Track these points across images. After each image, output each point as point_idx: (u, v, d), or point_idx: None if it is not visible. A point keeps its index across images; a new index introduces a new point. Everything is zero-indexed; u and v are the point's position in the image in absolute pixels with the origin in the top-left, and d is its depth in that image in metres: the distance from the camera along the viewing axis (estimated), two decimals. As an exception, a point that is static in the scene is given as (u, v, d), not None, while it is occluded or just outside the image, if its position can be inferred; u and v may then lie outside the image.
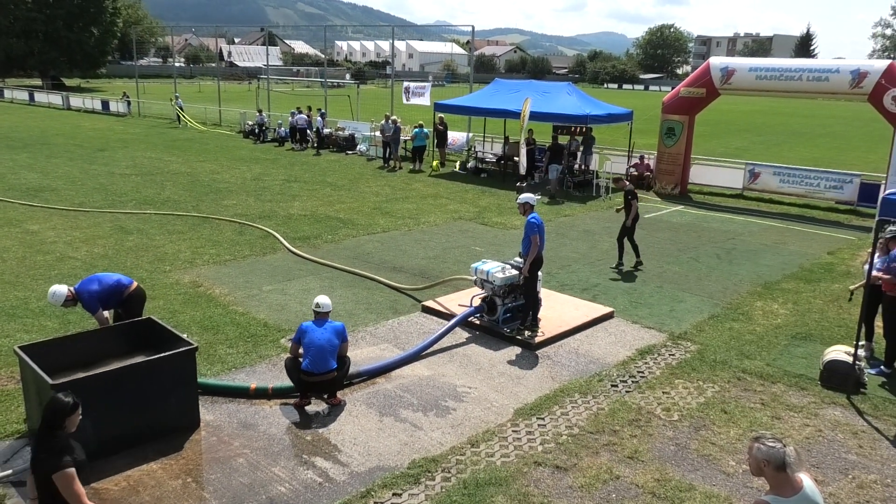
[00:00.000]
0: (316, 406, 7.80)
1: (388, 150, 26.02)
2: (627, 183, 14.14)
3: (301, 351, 7.75)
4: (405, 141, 26.89)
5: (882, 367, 9.03)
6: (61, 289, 7.84)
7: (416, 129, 25.79)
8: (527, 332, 9.87)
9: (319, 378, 7.65)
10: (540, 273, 10.04)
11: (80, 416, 4.54)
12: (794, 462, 4.01)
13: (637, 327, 10.50)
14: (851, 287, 10.55)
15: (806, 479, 4.15)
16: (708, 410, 7.93)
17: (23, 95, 54.45)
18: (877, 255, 8.95)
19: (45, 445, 4.38)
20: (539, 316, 10.20)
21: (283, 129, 31.65)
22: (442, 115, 26.16)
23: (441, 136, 26.50)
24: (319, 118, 31.00)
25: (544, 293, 10.74)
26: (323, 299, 7.95)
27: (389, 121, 25.69)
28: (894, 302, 8.78)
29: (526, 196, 10.22)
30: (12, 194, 18.66)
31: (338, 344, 7.75)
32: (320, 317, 7.86)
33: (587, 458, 6.89)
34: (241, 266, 12.92)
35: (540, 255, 9.85)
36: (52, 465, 4.29)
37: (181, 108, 38.94)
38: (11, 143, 29.09)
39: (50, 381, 6.21)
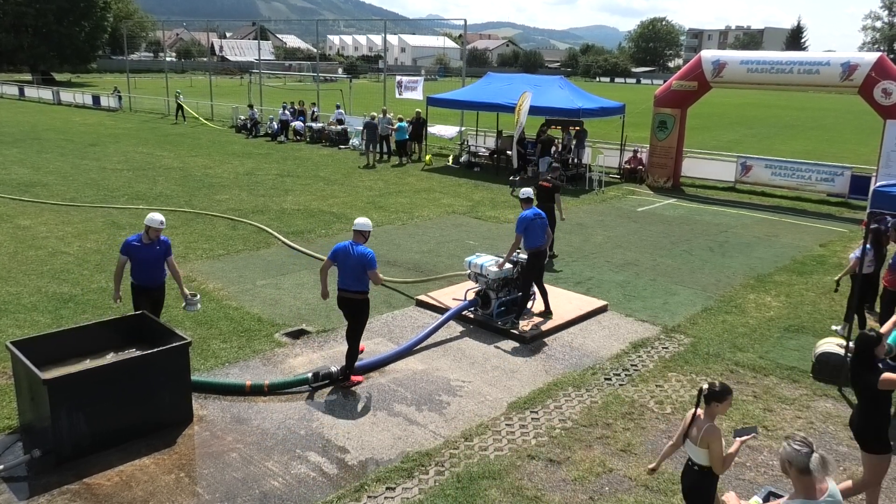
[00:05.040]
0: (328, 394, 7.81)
1: (383, 145, 26.06)
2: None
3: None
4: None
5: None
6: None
7: (400, 124, 25.86)
8: (521, 325, 9.89)
9: (345, 295, 8.10)
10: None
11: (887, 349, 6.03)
12: (817, 470, 3.93)
13: (630, 320, 10.53)
14: (837, 277, 10.65)
15: (831, 484, 4.07)
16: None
17: (12, 90, 54.07)
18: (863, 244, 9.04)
19: (863, 365, 5.71)
20: (529, 307, 10.37)
21: (275, 122, 31.58)
22: (419, 109, 26.66)
23: (416, 131, 26.52)
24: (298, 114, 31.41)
25: (537, 287, 10.76)
26: (359, 219, 8.31)
27: (377, 117, 25.79)
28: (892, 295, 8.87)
29: (524, 191, 10.71)
30: (3, 189, 18.54)
31: (361, 268, 7.94)
32: (355, 237, 8.17)
33: (580, 452, 6.91)
34: (235, 261, 12.89)
35: (540, 247, 10.14)
36: (870, 380, 5.62)
37: (181, 105, 38.71)
38: (2, 139, 28.89)
39: (42, 376, 6.19)
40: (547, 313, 10.32)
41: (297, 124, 31.27)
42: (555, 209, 12.99)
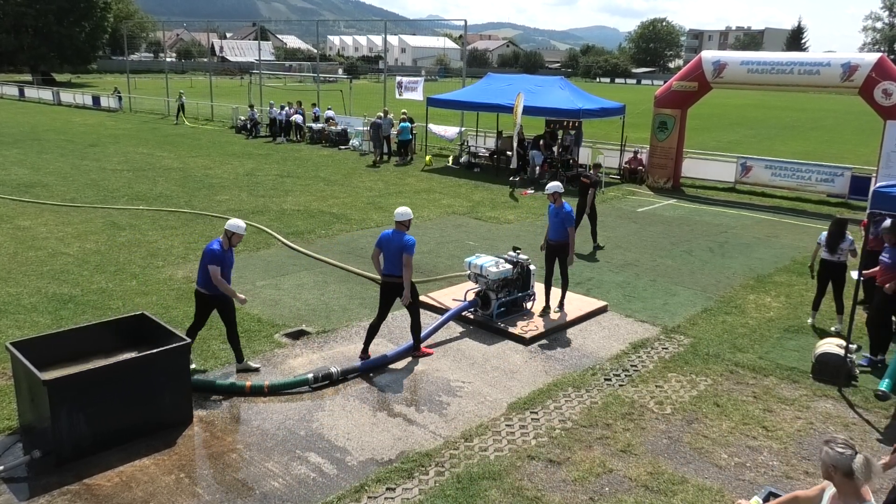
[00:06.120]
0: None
1: (384, 145, 26.12)
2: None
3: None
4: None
5: (868, 356, 9.11)
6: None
7: (403, 124, 25.91)
8: (520, 325, 9.91)
9: (388, 280, 8.63)
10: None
11: None
12: (860, 472, 3.87)
13: (630, 321, 10.53)
14: (809, 264, 10.79)
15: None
16: (700, 404, 7.96)
17: (12, 91, 54.06)
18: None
19: None
20: (528, 307, 10.51)
21: (275, 109, 31.59)
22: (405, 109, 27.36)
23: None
24: (299, 115, 31.75)
25: (538, 287, 10.82)
26: (399, 209, 8.69)
27: (377, 116, 25.94)
28: (889, 297, 8.86)
29: (554, 185, 10.71)
30: (3, 190, 18.55)
31: (401, 254, 8.39)
32: (397, 227, 8.59)
33: (580, 452, 6.91)
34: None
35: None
36: None
37: (182, 106, 38.74)
38: (2, 139, 28.91)
39: (42, 377, 6.19)
40: (546, 310, 10.47)
41: (297, 117, 31.38)
42: (588, 201, 14.38)
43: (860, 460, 3.88)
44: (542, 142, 23.22)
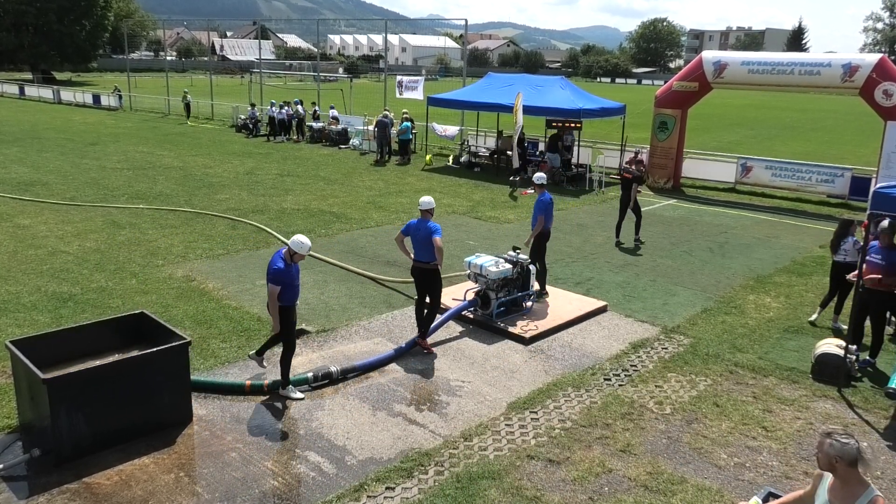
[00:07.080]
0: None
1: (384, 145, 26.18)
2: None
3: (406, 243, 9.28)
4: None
5: (867, 357, 9.13)
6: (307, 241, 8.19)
7: (405, 124, 25.92)
8: (520, 325, 9.91)
9: (417, 265, 9.02)
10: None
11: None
12: (870, 457, 3.97)
13: (630, 321, 10.53)
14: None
15: None
16: (700, 404, 7.96)
17: (13, 89, 54.08)
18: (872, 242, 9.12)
19: None
20: (528, 306, 10.58)
21: (275, 108, 31.61)
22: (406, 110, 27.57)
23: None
24: (301, 109, 32.06)
25: (537, 284, 10.84)
26: (423, 198, 9.27)
27: (383, 115, 25.96)
28: (882, 297, 8.87)
29: (538, 175, 11.46)
30: (3, 188, 18.55)
31: (429, 240, 8.79)
32: (422, 215, 9.08)
33: (580, 452, 6.91)
34: (235, 260, 12.88)
35: (547, 229, 11.15)
36: None
37: (188, 105, 38.75)
38: (2, 138, 28.90)
39: (41, 375, 6.19)
40: (542, 293, 11.05)
41: (299, 108, 31.65)
42: (632, 196, 14.76)
43: (865, 448, 3.99)
44: (559, 143, 23.12)
